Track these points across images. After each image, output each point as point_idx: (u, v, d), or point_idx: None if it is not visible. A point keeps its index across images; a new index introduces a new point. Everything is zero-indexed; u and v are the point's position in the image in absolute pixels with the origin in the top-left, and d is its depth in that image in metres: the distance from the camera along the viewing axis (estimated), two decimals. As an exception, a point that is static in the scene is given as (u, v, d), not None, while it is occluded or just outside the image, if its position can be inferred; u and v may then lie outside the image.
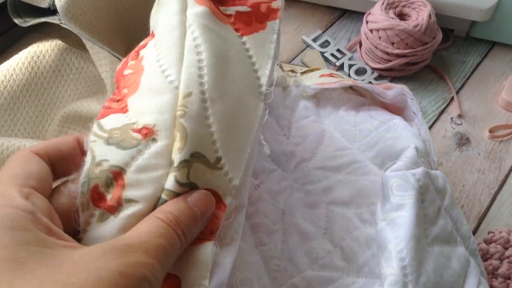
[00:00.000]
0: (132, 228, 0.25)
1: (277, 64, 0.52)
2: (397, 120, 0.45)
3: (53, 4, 0.51)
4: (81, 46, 0.56)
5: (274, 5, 0.34)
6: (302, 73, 0.54)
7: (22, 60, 0.54)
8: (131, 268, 0.22)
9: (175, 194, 0.27)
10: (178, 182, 0.27)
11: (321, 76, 0.52)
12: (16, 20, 0.54)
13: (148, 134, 0.28)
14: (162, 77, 0.30)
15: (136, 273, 0.22)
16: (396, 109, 0.48)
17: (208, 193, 0.28)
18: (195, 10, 0.31)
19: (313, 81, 0.50)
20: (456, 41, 0.67)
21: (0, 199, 0.23)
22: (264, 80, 0.32)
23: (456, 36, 0.67)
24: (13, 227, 0.22)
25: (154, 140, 0.28)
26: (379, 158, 0.44)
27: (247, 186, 0.32)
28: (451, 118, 0.59)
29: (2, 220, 0.22)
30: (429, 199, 0.37)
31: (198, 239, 0.28)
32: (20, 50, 0.56)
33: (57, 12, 0.50)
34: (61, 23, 0.50)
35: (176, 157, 0.27)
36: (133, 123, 0.29)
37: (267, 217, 0.43)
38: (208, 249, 0.27)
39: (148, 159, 0.28)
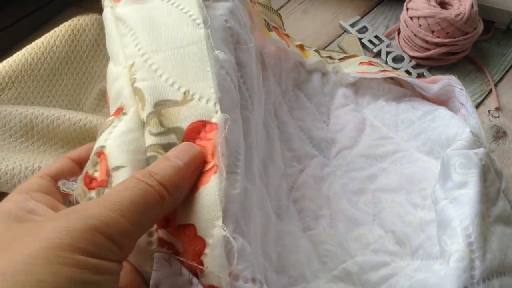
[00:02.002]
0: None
1: (314, 51, 0.52)
2: (442, 110, 0.45)
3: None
4: (121, 21, 0.56)
5: None
6: (340, 59, 0.53)
7: (62, 33, 0.55)
8: (79, 223, 0.21)
9: (161, 147, 0.28)
10: (153, 133, 0.28)
11: (360, 63, 0.52)
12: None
13: (119, 112, 0.30)
14: (116, 67, 0.32)
15: (85, 227, 0.21)
16: (439, 102, 0.48)
17: (189, 143, 0.28)
18: None
19: (352, 68, 0.50)
20: (496, 33, 0.66)
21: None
22: (194, 12, 0.31)
23: (497, 28, 0.66)
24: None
25: (124, 113, 0.30)
26: (426, 146, 0.44)
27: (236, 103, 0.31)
28: (489, 110, 0.59)
29: None
30: (490, 179, 0.37)
31: (204, 174, 0.27)
32: (60, 23, 0.56)
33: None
34: (104, -3, 0.51)
35: (143, 115, 0.29)
36: (110, 114, 0.31)
37: (312, 202, 0.43)
38: (212, 186, 0.26)
39: (120, 127, 0.29)
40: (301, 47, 0.51)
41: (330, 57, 0.54)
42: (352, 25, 0.66)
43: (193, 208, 0.26)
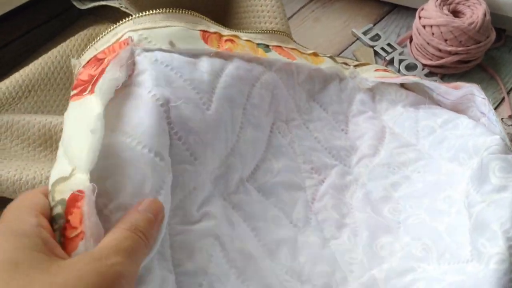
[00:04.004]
0: (102, 240, 0.29)
1: (329, 57, 0.53)
2: (464, 119, 0.45)
3: (113, -12, 0.52)
4: (137, 30, 0.56)
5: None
6: (355, 66, 0.54)
7: (78, 42, 0.55)
8: (106, 267, 0.26)
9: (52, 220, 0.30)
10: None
11: (376, 70, 0.52)
12: (74, 2, 0.55)
13: None
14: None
15: (111, 271, 0.26)
16: (456, 110, 0.48)
17: (154, 200, 0.32)
18: None
19: (370, 74, 0.50)
20: (508, 41, 0.66)
21: (15, 219, 0.28)
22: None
23: (508, 36, 0.66)
24: (17, 234, 0.26)
25: None
26: (450, 153, 0.44)
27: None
28: (502, 119, 0.59)
29: (10, 230, 0.27)
30: None
31: (74, 239, 0.29)
32: (76, 32, 0.56)
33: (116, -3, 0.51)
34: (121, 7, 0.51)
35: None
36: None
37: (335, 212, 0.43)
38: (81, 251, 0.28)
39: None
40: (315, 54, 0.51)
41: (346, 63, 0.54)
42: (365, 33, 0.66)
43: None
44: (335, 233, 0.42)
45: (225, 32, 0.44)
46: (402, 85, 0.51)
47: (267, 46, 0.46)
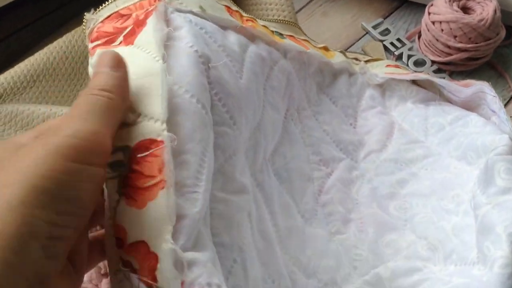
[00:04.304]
0: None
1: (340, 52, 0.52)
2: (474, 116, 0.44)
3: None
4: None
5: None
6: (366, 61, 0.53)
7: (84, 32, 0.55)
8: (53, 138, 0.24)
9: (108, 166, 0.28)
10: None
11: (387, 66, 0.51)
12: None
13: None
14: None
15: (58, 136, 0.24)
16: (467, 107, 0.47)
17: (105, 51, 0.30)
18: None
19: (380, 70, 0.50)
20: (517, 38, 0.65)
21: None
22: (153, 51, 0.32)
23: (518, 33, 0.66)
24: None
25: None
26: (459, 151, 0.44)
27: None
28: (510, 117, 0.58)
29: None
30: None
31: (150, 188, 0.28)
32: (82, 22, 0.56)
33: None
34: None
35: None
36: None
37: (342, 206, 0.43)
38: (160, 201, 0.27)
39: None
40: (325, 48, 0.50)
41: (356, 59, 0.54)
42: (375, 27, 0.65)
43: (143, 225, 0.27)
44: (341, 228, 0.42)
45: (245, 13, 0.43)
46: (413, 81, 0.50)
47: (281, 34, 0.46)
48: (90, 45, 0.35)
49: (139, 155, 0.28)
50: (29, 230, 0.21)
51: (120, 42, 0.33)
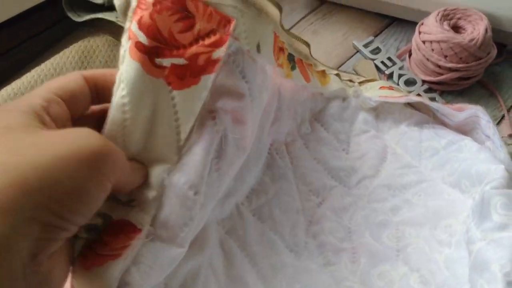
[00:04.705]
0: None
1: (335, 74, 0.52)
2: (468, 141, 0.44)
3: (109, 1, 0.51)
4: (132, 44, 0.55)
5: (215, 55, 0.31)
6: (360, 83, 0.53)
7: (72, 54, 0.54)
8: (79, 136, 0.25)
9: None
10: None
11: (381, 88, 0.51)
12: (69, 14, 0.54)
13: None
14: None
15: (84, 138, 0.25)
16: (461, 131, 0.47)
17: None
18: (127, 66, 0.30)
19: (373, 92, 0.49)
20: (509, 56, 0.65)
21: (28, 96, 0.28)
22: (183, 136, 0.31)
23: (509, 51, 0.65)
24: (17, 108, 0.27)
25: None
26: (452, 177, 0.43)
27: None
28: (501, 137, 0.58)
29: (14, 106, 0.27)
30: None
31: (105, 256, 0.28)
32: (70, 44, 0.56)
33: (114, 9, 0.50)
34: (118, 20, 0.50)
35: None
36: None
37: (333, 235, 0.42)
38: (111, 268, 0.28)
39: None
40: (323, 73, 0.50)
41: (351, 80, 0.53)
42: (366, 46, 0.65)
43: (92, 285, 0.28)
44: (332, 259, 0.41)
45: (280, 33, 0.40)
46: (407, 103, 0.50)
47: (294, 59, 0.44)
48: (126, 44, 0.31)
49: (114, 232, 0.29)
50: (32, 213, 0.22)
51: (189, 76, 0.31)
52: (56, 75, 0.53)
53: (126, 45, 0.30)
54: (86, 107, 0.31)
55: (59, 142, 0.24)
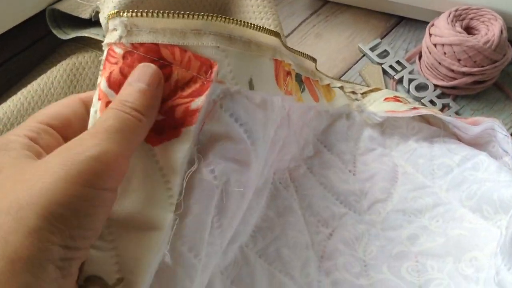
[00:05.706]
0: None
1: (339, 87, 0.48)
2: (484, 157, 0.41)
3: (95, 15, 0.48)
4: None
5: (193, 105, 0.28)
6: (363, 94, 0.49)
7: (60, 73, 0.51)
8: (76, 156, 0.24)
9: None
10: None
11: (385, 99, 0.47)
12: (55, 31, 0.51)
13: None
14: None
15: (81, 156, 0.24)
16: (475, 144, 0.43)
17: (146, 64, 0.28)
18: None
19: (378, 106, 0.46)
20: (525, 55, 0.61)
21: (18, 129, 0.28)
22: (175, 191, 0.28)
23: (525, 49, 0.62)
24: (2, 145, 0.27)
25: None
26: (472, 201, 0.40)
27: None
28: (521, 144, 0.54)
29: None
30: None
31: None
32: (58, 61, 0.52)
33: (100, 25, 0.47)
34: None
35: None
36: None
37: (347, 271, 0.39)
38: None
39: None
40: (328, 87, 0.46)
41: (353, 92, 0.50)
42: (372, 49, 0.61)
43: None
44: None
45: (284, 56, 0.36)
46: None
47: (302, 79, 0.41)
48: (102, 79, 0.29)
49: None
50: (45, 254, 0.22)
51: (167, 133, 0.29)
52: (43, 96, 0.50)
53: (96, 105, 0.27)
54: (82, 128, 0.30)
55: (50, 170, 0.24)
